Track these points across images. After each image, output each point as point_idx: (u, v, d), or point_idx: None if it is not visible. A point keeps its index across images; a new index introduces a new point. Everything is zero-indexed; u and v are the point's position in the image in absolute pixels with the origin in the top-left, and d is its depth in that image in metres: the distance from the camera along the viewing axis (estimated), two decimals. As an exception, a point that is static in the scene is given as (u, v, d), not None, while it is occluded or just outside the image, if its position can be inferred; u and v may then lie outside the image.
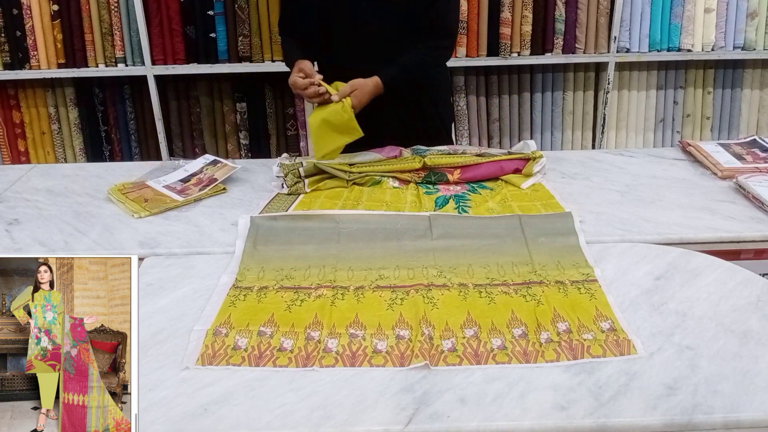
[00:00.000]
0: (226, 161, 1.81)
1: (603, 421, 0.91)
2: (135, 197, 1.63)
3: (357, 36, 1.72)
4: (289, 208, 1.57)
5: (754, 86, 2.91)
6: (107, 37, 2.73)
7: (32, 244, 1.44)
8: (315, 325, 1.12)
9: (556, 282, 1.23)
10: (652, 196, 1.59)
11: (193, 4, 2.68)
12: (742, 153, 1.79)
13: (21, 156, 2.95)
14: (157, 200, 1.61)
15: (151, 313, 1.17)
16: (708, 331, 1.08)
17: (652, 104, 2.93)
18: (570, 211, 1.48)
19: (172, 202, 1.61)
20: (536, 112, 2.92)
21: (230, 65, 2.76)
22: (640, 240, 1.38)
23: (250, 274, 1.29)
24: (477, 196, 1.62)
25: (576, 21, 2.74)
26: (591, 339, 1.07)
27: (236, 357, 1.05)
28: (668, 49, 2.78)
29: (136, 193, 1.65)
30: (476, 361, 1.03)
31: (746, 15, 2.74)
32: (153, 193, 1.65)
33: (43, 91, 2.87)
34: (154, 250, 1.39)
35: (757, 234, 1.41)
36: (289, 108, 2.90)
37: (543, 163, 1.73)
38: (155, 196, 1.63)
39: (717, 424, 0.91)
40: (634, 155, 1.89)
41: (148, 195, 1.64)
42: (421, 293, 1.20)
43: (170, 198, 1.63)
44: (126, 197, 1.63)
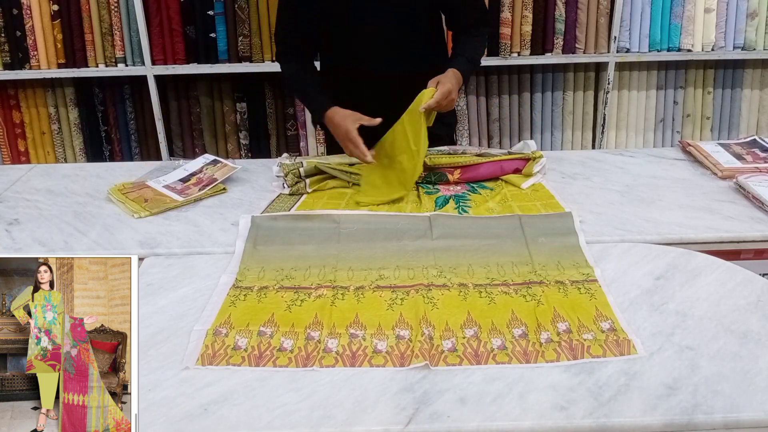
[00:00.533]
0: (227, 161, 1.81)
1: (603, 421, 0.91)
2: (135, 197, 1.63)
3: (358, 36, 1.72)
4: (291, 208, 1.57)
5: (754, 86, 2.91)
6: (107, 37, 2.73)
7: (32, 244, 1.44)
8: (315, 325, 1.12)
9: (556, 282, 1.23)
10: (652, 196, 1.59)
11: (193, 4, 2.68)
12: (742, 153, 1.79)
13: (21, 156, 2.95)
14: (157, 200, 1.61)
15: (151, 313, 1.17)
16: (708, 331, 1.08)
17: (652, 104, 2.93)
18: (570, 211, 1.48)
19: (172, 202, 1.61)
20: (536, 112, 2.92)
21: (230, 65, 2.76)
22: (640, 240, 1.38)
23: (250, 274, 1.29)
24: (477, 196, 1.62)
25: (576, 21, 2.74)
26: (591, 339, 1.07)
27: (236, 357, 1.05)
28: (668, 49, 2.78)
29: (136, 193, 1.65)
30: (476, 361, 1.03)
31: (746, 15, 2.74)
32: (153, 193, 1.65)
33: (43, 91, 2.87)
34: (154, 250, 1.39)
35: (757, 234, 1.41)
36: (289, 108, 2.90)
37: (543, 163, 1.72)
38: (155, 196, 1.63)
39: (717, 424, 0.91)
40: (634, 155, 1.89)
41: (148, 195, 1.64)
42: (421, 293, 1.20)
43: (170, 198, 1.63)
44: (126, 197, 1.63)
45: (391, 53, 1.73)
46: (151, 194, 1.65)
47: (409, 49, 1.74)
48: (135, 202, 1.60)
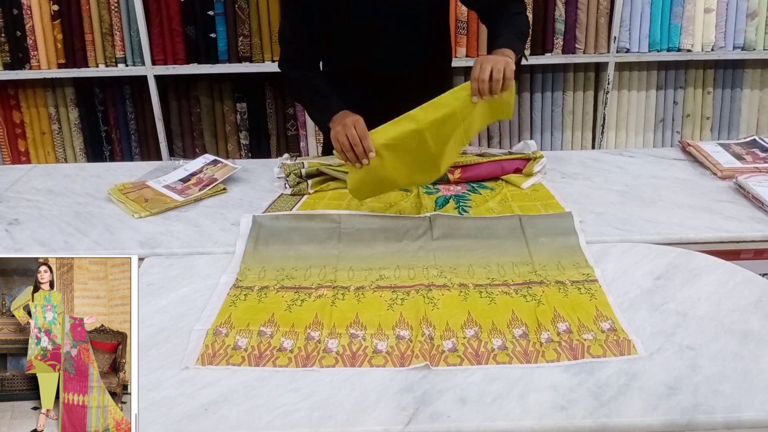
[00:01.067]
0: (227, 161, 1.81)
1: (603, 421, 0.91)
2: (135, 197, 1.63)
3: (359, 36, 1.71)
4: (293, 208, 1.57)
5: (754, 86, 2.90)
6: (107, 37, 2.72)
7: (32, 244, 1.44)
8: (315, 325, 1.12)
9: (556, 282, 1.23)
10: (652, 196, 1.59)
11: (193, 4, 2.68)
12: (742, 153, 1.79)
13: (21, 156, 2.95)
14: (157, 200, 1.61)
15: (151, 313, 1.17)
16: (708, 331, 1.08)
17: (652, 104, 2.93)
18: (570, 211, 1.48)
19: (172, 202, 1.61)
20: (536, 112, 2.92)
21: (230, 65, 2.75)
22: (640, 240, 1.37)
23: (250, 274, 1.29)
24: (477, 196, 1.62)
25: (576, 21, 2.74)
26: (591, 339, 1.07)
27: (236, 357, 1.05)
28: (668, 49, 2.77)
29: (136, 193, 1.65)
30: (477, 362, 1.03)
31: (746, 15, 2.74)
32: (153, 193, 1.65)
33: (44, 91, 2.86)
34: (154, 250, 1.39)
35: (757, 234, 1.41)
36: (289, 108, 2.90)
37: (543, 163, 1.73)
38: (155, 196, 1.63)
39: (717, 424, 0.91)
40: (634, 155, 1.89)
41: (148, 195, 1.64)
42: (422, 293, 1.20)
43: (170, 198, 1.63)
44: (126, 197, 1.63)
45: (393, 54, 1.72)
46: (151, 194, 1.65)
47: (411, 49, 1.74)
48: (135, 202, 1.60)
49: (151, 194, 1.65)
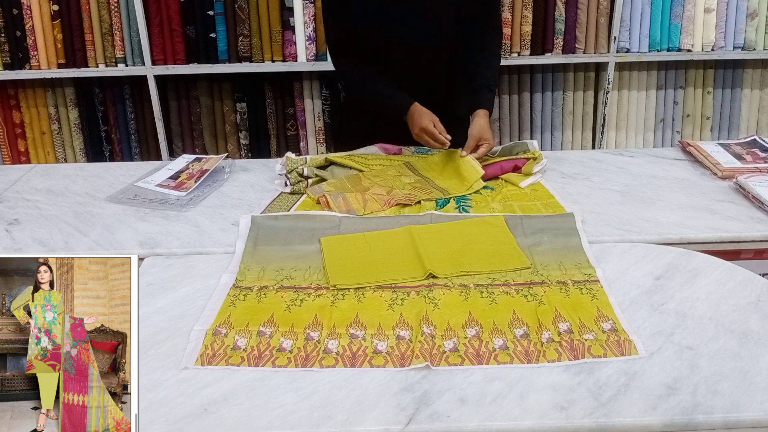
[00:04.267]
0: (209, 156, 1.83)
1: (603, 421, 0.91)
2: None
3: (387, 49, 1.73)
4: (291, 207, 1.57)
5: (754, 86, 2.91)
6: (107, 37, 2.72)
7: (32, 244, 1.44)
8: (315, 326, 1.12)
9: (557, 282, 1.23)
10: (652, 196, 1.59)
11: (193, 4, 2.68)
12: (742, 153, 1.79)
13: (21, 156, 2.95)
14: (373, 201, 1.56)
15: (151, 313, 1.17)
16: (708, 331, 1.08)
17: (652, 104, 2.93)
18: (572, 212, 1.48)
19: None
20: (536, 112, 2.92)
21: (230, 65, 2.76)
22: (640, 240, 1.38)
23: (250, 274, 1.29)
24: (478, 196, 1.62)
25: (576, 21, 2.74)
26: (592, 339, 1.07)
27: (236, 357, 1.05)
28: (668, 49, 2.77)
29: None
30: (478, 362, 1.03)
31: (746, 15, 2.74)
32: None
33: (43, 91, 2.87)
34: (154, 250, 1.39)
35: (757, 234, 1.41)
36: (289, 108, 2.90)
37: (544, 164, 1.73)
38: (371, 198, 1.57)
39: (717, 424, 0.91)
40: (634, 155, 1.89)
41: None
42: (422, 294, 1.20)
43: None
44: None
45: (421, 67, 1.77)
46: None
47: (440, 61, 1.78)
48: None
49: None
